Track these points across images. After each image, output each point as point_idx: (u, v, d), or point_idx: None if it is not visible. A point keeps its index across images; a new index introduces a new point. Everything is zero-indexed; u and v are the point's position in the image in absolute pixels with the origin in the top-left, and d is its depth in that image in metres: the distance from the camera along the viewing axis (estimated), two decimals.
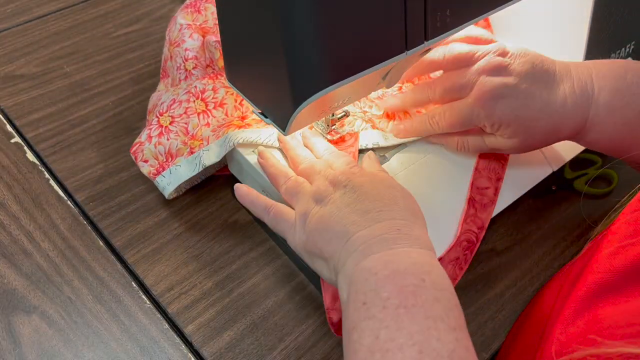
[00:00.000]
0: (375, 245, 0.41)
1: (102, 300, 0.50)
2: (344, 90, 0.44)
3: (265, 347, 0.48)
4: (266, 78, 0.44)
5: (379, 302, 0.37)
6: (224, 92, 0.57)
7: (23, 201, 0.58)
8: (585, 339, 0.37)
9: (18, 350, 0.47)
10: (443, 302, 0.38)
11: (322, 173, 0.48)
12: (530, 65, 0.49)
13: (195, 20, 0.63)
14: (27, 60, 0.74)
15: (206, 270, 0.53)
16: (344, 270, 0.41)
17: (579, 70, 0.50)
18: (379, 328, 0.36)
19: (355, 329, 0.37)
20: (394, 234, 0.41)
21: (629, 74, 0.50)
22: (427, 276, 0.39)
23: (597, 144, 0.51)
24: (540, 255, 0.55)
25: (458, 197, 0.53)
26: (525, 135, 0.50)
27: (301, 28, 0.38)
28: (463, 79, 0.50)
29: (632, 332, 0.35)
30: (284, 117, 0.44)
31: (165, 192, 0.56)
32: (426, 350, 0.35)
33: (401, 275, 0.38)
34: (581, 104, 0.49)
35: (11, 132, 0.65)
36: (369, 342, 0.36)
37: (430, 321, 0.36)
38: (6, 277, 0.52)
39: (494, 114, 0.49)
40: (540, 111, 0.49)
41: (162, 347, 0.48)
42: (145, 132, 0.57)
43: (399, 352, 0.35)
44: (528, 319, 0.50)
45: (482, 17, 0.47)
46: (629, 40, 0.65)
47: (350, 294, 0.39)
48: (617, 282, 0.39)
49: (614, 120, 0.49)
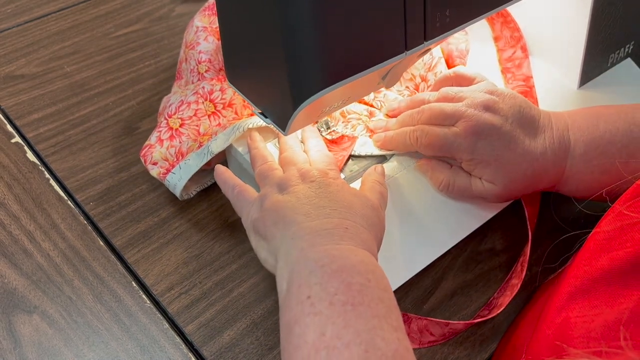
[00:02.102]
0: (321, 237, 0.41)
1: (102, 300, 0.51)
2: (343, 91, 0.44)
3: (265, 346, 0.48)
4: (266, 78, 0.44)
5: (325, 297, 0.37)
6: (231, 92, 0.57)
7: (23, 201, 0.58)
8: (553, 345, 0.38)
9: (19, 349, 0.47)
10: (386, 302, 0.38)
11: (297, 165, 0.49)
12: (518, 108, 0.50)
13: (212, 23, 0.62)
14: (28, 60, 0.74)
15: (206, 270, 0.53)
16: (287, 258, 0.41)
17: (557, 120, 0.51)
18: (326, 324, 0.36)
19: (298, 323, 0.37)
20: (340, 231, 0.42)
21: (601, 122, 0.50)
22: (372, 275, 0.39)
23: (577, 192, 0.52)
24: (540, 255, 0.55)
25: (453, 200, 0.54)
26: (506, 180, 0.50)
27: (301, 28, 0.38)
28: (452, 109, 0.51)
29: (595, 345, 0.35)
30: (284, 117, 0.44)
31: (176, 190, 0.55)
32: (372, 349, 0.34)
33: (348, 272, 0.38)
34: (559, 154, 0.50)
35: (11, 132, 0.65)
36: (314, 338, 0.35)
37: (375, 320, 0.36)
38: (7, 277, 0.52)
39: (475, 150, 0.49)
40: (521, 156, 0.49)
41: (162, 346, 0.48)
42: (154, 134, 0.57)
43: (345, 350, 0.34)
44: (521, 320, 0.50)
45: (481, 18, 0.47)
46: (628, 40, 0.65)
47: (293, 285, 0.39)
48: (589, 286, 0.39)
49: (592, 170, 0.50)
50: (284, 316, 0.38)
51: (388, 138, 0.55)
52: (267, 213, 0.45)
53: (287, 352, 0.37)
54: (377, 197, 0.48)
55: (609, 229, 0.41)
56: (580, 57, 0.61)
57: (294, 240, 0.42)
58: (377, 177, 0.51)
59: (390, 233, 0.50)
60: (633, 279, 0.37)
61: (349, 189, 0.47)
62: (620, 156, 0.49)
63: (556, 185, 0.52)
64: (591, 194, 0.51)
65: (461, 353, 0.49)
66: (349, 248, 0.41)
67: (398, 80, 0.52)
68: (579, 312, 0.38)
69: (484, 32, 0.67)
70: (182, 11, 0.83)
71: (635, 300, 0.36)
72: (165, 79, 0.71)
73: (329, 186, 0.46)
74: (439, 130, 0.51)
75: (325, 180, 0.47)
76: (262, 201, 0.46)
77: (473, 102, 0.50)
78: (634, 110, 0.51)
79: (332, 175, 0.48)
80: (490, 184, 0.50)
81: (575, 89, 0.64)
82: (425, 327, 0.48)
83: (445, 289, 0.53)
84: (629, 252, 0.38)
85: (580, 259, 0.42)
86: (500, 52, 0.66)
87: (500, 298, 0.51)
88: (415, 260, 0.51)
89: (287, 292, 0.39)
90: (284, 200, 0.45)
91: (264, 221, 0.45)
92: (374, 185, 0.50)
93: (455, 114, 0.50)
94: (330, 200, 0.45)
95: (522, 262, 0.52)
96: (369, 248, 0.42)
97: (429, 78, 0.60)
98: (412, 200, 0.53)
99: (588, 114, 0.52)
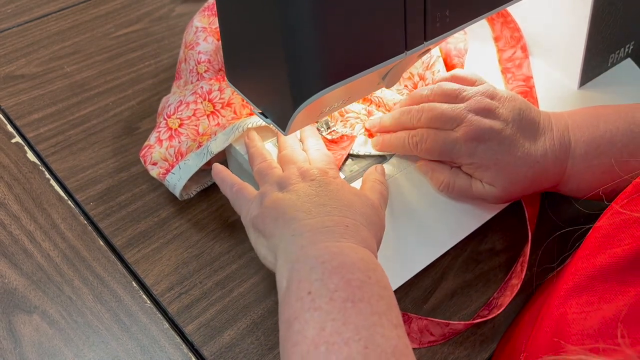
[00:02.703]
0: (322, 234, 0.41)
1: (102, 300, 0.51)
2: (343, 91, 0.44)
3: (265, 346, 0.48)
4: (266, 78, 0.44)
5: (325, 293, 0.37)
6: (230, 91, 0.57)
7: (24, 201, 0.58)
8: (551, 342, 0.38)
9: (19, 349, 0.47)
10: (386, 300, 0.38)
11: (297, 164, 0.49)
12: (518, 111, 0.50)
13: (212, 24, 0.63)
14: (28, 60, 0.74)
15: (206, 270, 0.53)
16: (286, 256, 0.41)
17: (557, 121, 0.51)
18: (325, 320, 0.36)
19: (298, 319, 0.37)
20: (341, 229, 0.42)
21: (601, 122, 0.50)
22: (373, 273, 0.39)
23: (578, 192, 0.52)
24: (540, 255, 0.55)
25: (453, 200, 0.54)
26: (506, 182, 0.50)
27: (301, 29, 0.38)
28: (452, 112, 0.50)
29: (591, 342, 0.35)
30: (284, 118, 0.44)
31: (176, 190, 0.55)
32: (371, 346, 0.34)
33: (349, 268, 0.38)
34: (560, 156, 0.50)
35: (12, 132, 0.65)
36: (314, 334, 0.35)
37: (375, 317, 0.36)
38: (7, 277, 0.52)
39: (475, 154, 0.49)
40: (521, 159, 0.49)
41: (162, 346, 0.48)
42: (154, 134, 0.57)
43: (345, 346, 0.34)
44: (521, 319, 0.50)
45: (481, 18, 0.47)
46: (628, 40, 0.65)
47: (293, 282, 0.39)
48: (586, 283, 0.39)
49: (592, 171, 0.50)
50: (284, 313, 0.38)
51: (387, 141, 0.54)
52: (267, 210, 0.45)
53: (286, 349, 0.37)
54: (377, 196, 0.48)
55: (606, 227, 0.41)
56: (580, 57, 0.61)
57: (294, 238, 0.42)
58: (377, 176, 0.51)
59: (391, 233, 0.50)
60: (631, 275, 0.37)
61: (349, 187, 0.47)
62: (621, 155, 0.49)
63: (557, 186, 0.52)
64: (592, 193, 0.51)
65: (461, 353, 0.49)
66: (350, 246, 0.41)
67: (398, 80, 0.52)
68: (576, 309, 0.38)
69: (484, 32, 0.67)
70: (182, 11, 0.83)
71: (632, 298, 0.36)
72: (165, 79, 0.71)
73: (329, 185, 0.46)
74: (438, 136, 0.51)
75: (325, 179, 0.47)
76: (262, 198, 0.46)
77: (474, 106, 0.50)
78: (633, 110, 0.51)
79: (331, 174, 0.48)
80: (491, 186, 0.50)
81: (575, 89, 0.64)
82: (425, 327, 0.48)
83: (445, 289, 0.53)
84: (626, 250, 0.38)
85: (578, 256, 0.42)
86: (501, 52, 0.66)
87: (500, 298, 0.51)
88: (415, 260, 0.51)
89: (287, 289, 0.39)
90: (284, 198, 0.45)
91: (264, 218, 0.45)
92: (375, 184, 0.50)
93: (456, 118, 0.50)
94: (331, 198, 0.45)
95: (522, 262, 0.52)
96: (369, 246, 0.42)
97: (427, 77, 0.60)
98: (412, 200, 0.53)
99: (588, 114, 0.52)
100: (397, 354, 0.35)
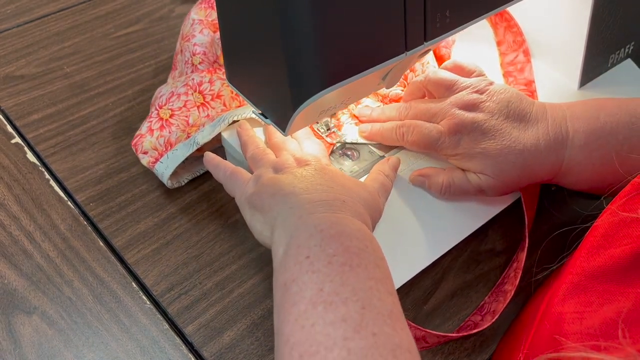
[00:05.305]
0: (320, 207, 0.42)
1: (102, 301, 0.51)
2: (343, 91, 0.44)
3: (265, 347, 0.48)
4: (266, 79, 0.44)
5: (324, 258, 0.38)
6: (220, 84, 0.59)
7: (23, 201, 0.58)
8: (551, 340, 0.38)
9: (18, 350, 0.47)
10: (382, 269, 0.39)
11: (290, 150, 0.50)
12: (506, 103, 0.50)
13: (208, 16, 0.63)
14: (28, 60, 0.74)
15: (206, 271, 0.53)
16: (285, 225, 0.42)
17: (553, 112, 0.51)
18: (324, 281, 0.36)
19: (296, 281, 0.37)
20: (338, 203, 0.43)
21: (602, 114, 0.50)
22: (370, 243, 0.40)
23: (577, 184, 0.52)
24: (540, 255, 0.55)
25: (453, 200, 0.54)
26: (496, 170, 0.50)
27: (301, 29, 0.38)
28: (436, 108, 0.52)
29: (593, 341, 0.35)
30: (284, 118, 0.44)
31: (164, 178, 0.56)
32: (368, 306, 0.35)
33: (347, 236, 0.39)
34: (555, 146, 0.50)
35: (11, 132, 0.65)
36: (312, 294, 0.36)
37: (372, 282, 0.37)
38: (6, 278, 0.52)
39: (459, 145, 0.50)
40: (507, 147, 0.49)
41: (162, 347, 0.48)
42: (145, 124, 0.58)
43: (342, 305, 0.35)
44: (521, 319, 0.50)
45: (482, 18, 0.47)
46: (629, 40, 0.65)
47: (291, 248, 0.39)
48: (585, 283, 0.39)
49: (592, 162, 0.50)
50: (280, 277, 0.39)
51: (375, 130, 0.55)
52: (263, 187, 0.46)
53: (283, 310, 0.37)
54: (377, 185, 0.49)
55: (605, 227, 0.41)
56: (580, 58, 0.61)
57: (293, 209, 0.42)
58: (383, 167, 0.52)
59: (391, 233, 0.50)
60: (630, 276, 0.37)
61: (344, 174, 0.49)
62: (622, 148, 0.49)
63: (555, 177, 0.52)
64: (592, 186, 0.51)
65: (461, 353, 0.49)
66: (347, 217, 0.42)
67: (398, 80, 0.52)
68: (575, 308, 0.38)
69: (487, 36, 0.67)
70: (182, 11, 0.83)
71: (633, 299, 0.36)
72: (165, 79, 0.71)
73: (324, 169, 0.48)
74: (423, 128, 0.51)
75: (320, 165, 0.48)
76: (258, 179, 0.47)
77: (458, 101, 0.51)
78: (635, 103, 0.51)
79: (325, 162, 0.50)
80: (485, 176, 0.50)
81: (575, 90, 0.64)
82: (422, 337, 0.48)
83: (445, 289, 0.53)
84: (625, 250, 0.38)
85: (577, 256, 0.42)
86: (503, 55, 0.66)
87: (492, 304, 0.51)
88: (416, 260, 0.51)
89: (285, 254, 0.40)
90: (281, 177, 0.46)
91: (260, 194, 0.45)
92: (378, 175, 0.51)
93: (440, 112, 0.51)
94: (327, 180, 0.46)
95: (516, 268, 0.52)
96: (365, 222, 0.43)
97: (417, 68, 0.61)
98: (412, 200, 0.53)
99: (588, 105, 0.52)
100: (393, 317, 0.36)
